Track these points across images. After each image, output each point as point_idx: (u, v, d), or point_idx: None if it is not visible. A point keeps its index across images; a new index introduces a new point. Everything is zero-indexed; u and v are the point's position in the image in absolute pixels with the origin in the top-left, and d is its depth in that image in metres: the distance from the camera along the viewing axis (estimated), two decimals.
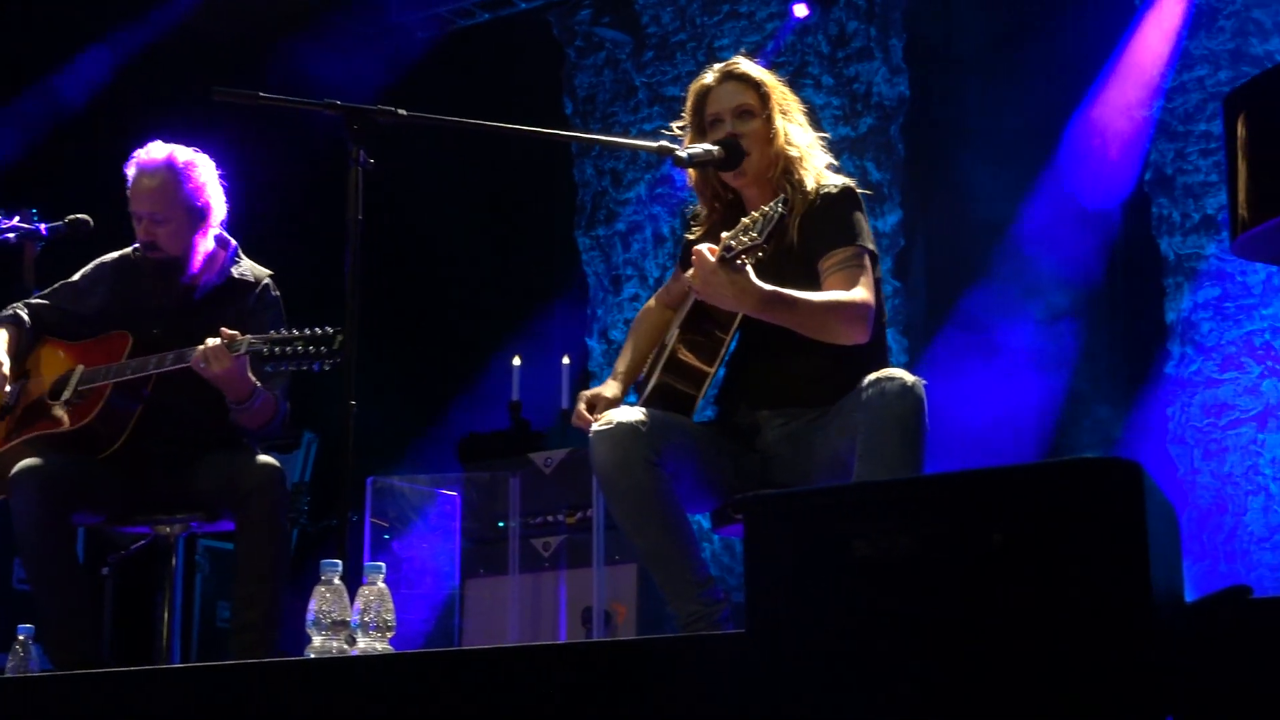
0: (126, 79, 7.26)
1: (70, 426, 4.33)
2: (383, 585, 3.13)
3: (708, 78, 3.82)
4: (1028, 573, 1.71)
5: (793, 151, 3.72)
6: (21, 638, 3.79)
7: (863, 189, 3.75)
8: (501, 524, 6.35)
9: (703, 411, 3.77)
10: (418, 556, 6.40)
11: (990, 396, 6.58)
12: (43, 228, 4.67)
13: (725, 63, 3.84)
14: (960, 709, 1.71)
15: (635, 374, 3.97)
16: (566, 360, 6.89)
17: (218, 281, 4.50)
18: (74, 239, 4.69)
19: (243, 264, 4.57)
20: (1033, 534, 1.72)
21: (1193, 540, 6.17)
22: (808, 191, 3.67)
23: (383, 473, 6.51)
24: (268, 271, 4.60)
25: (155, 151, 4.43)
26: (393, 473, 6.65)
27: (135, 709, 2.93)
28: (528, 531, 6.29)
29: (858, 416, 3.31)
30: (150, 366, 4.28)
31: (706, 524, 3.92)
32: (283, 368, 4.10)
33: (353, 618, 3.09)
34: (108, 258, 4.61)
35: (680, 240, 4.19)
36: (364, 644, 3.08)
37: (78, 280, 4.59)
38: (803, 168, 3.71)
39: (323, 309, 4.26)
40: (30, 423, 4.41)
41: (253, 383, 4.20)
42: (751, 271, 3.35)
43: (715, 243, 3.44)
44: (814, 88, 7.49)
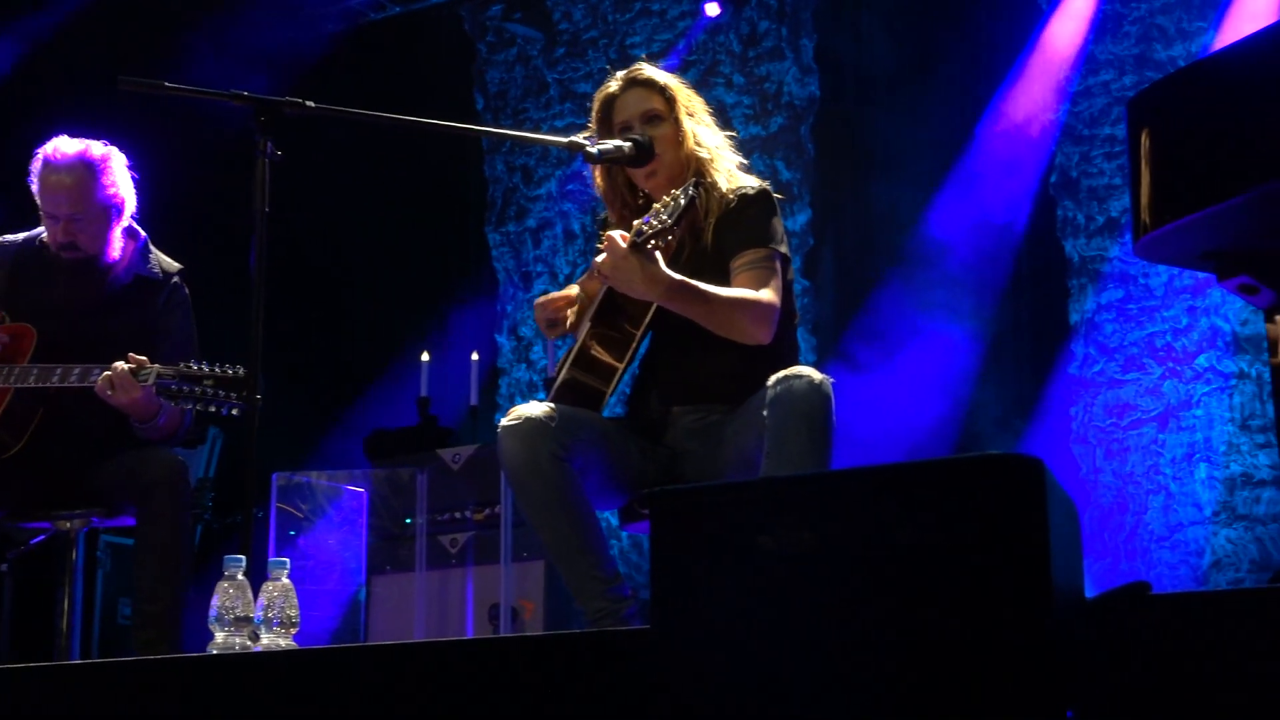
0: (27, 69, 7.15)
1: None
2: (287, 581, 3.11)
3: (612, 85, 3.82)
4: (931, 568, 1.72)
5: (703, 153, 3.74)
6: None
7: (775, 190, 3.77)
8: (409, 520, 6.31)
9: (613, 408, 3.77)
10: (324, 553, 6.35)
11: (897, 395, 6.63)
12: None
13: (629, 69, 3.84)
14: (864, 703, 1.72)
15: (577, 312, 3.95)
16: (476, 356, 6.87)
17: (125, 280, 4.42)
18: None
19: (153, 257, 4.50)
20: (937, 529, 1.73)
21: (1094, 538, 6.25)
22: (722, 193, 3.69)
23: (289, 468, 6.45)
24: (178, 266, 4.53)
25: (65, 148, 4.32)
26: (299, 468, 6.59)
27: (34, 706, 2.89)
28: (435, 528, 6.26)
29: (765, 414, 3.33)
30: (54, 379, 4.18)
31: (615, 521, 3.92)
32: (188, 407, 4.04)
33: (256, 614, 3.06)
34: (9, 239, 4.51)
35: (591, 237, 4.19)
36: (267, 640, 3.06)
37: None
38: (714, 169, 3.73)
39: (229, 302, 4.22)
40: None
41: (158, 404, 4.12)
42: (661, 259, 3.38)
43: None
44: (725, 86, 7.51)
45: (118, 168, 4.37)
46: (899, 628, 1.73)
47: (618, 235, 3.41)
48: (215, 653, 3.01)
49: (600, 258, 3.46)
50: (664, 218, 3.34)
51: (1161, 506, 6.21)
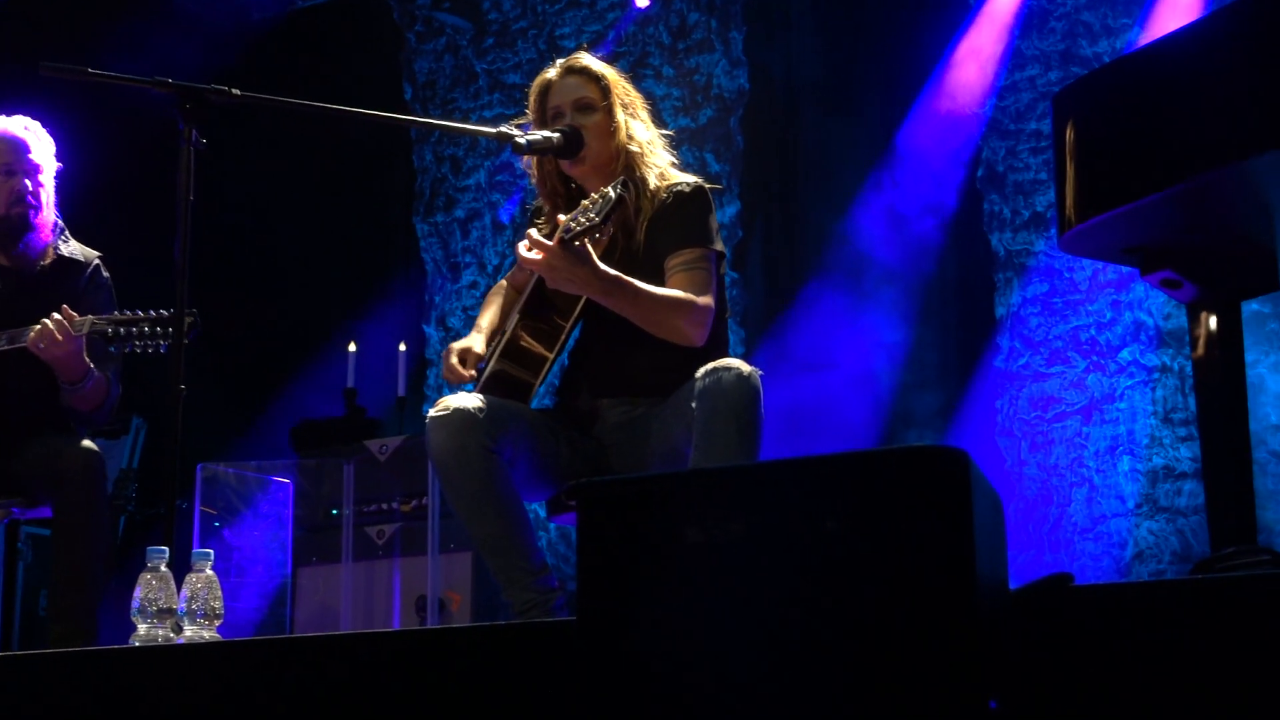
0: None
1: None
2: (210, 573, 3.08)
3: (550, 72, 3.83)
4: (857, 559, 1.73)
5: (634, 147, 3.74)
6: None
7: (710, 184, 3.77)
8: (335, 512, 6.28)
9: (542, 399, 3.77)
10: (249, 544, 6.30)
11: (825, 387, 6.65)
12: None
13: (568, 57, 3.85)
14: (789, 694, 1.73)
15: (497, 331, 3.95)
16: (403, 347, 6.84)
17: (47, 261, 4.41)
18: None
19: (70, 244, 4.47)
20: (863, 521, 1.74)
21: (1019, 530, 6.30)
22: (654, 189, 3.69)
23: (213, 459, 6.40)
24: (96, 253, 4.51)
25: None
26: (224, 459, 6.54)
27: None
28: (362, 519, 6.22)
29: (694, 406, 3.33)
30: None
31: (543, 513, 3.92)
32: (127, 349, 4.05)
33: (180, 606, 3.04)
34: None
35: (520, 228, 4.19)
36: (190, 632, 3.04)
37: None
38: (644, 164, 3.73)
39: (152, 291, 4.18)
40: None
41: (87, 364, 4.12)
42: (594, 254, 3.38)
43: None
44: (654, 78, 7.51)
45: (48, 140, 4.41)
46: (825, 619, 1.73)
47: (534, 232, 3.43)
48: (138, 645, 2.98)
49: (521, 245, 3.45)
50: (592, 215, 3.34)
51: (1085, 499, 6.26)
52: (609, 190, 3.35)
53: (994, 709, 1.67)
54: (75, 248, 4.47)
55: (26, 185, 4.33)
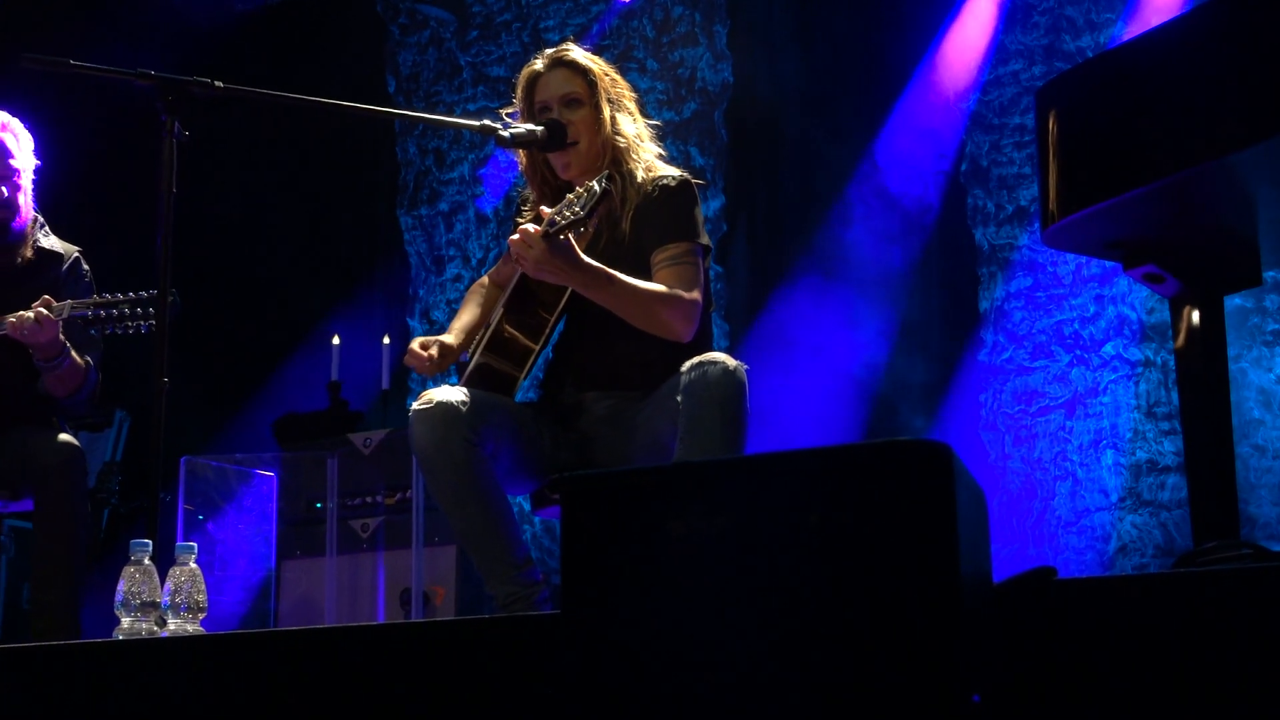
0: None
1: None
2: (194, 566, 3.08)
3: (538, 64, 3.82)
4: (840, 553, 1.73)
5: (620, 141, 3.74)
6: None
7: (696, 179, 3.77)
8: (319, 505, 6.27)
9: (526, 393, 3.77)
10: (233, 537, 6.30)
11: (810, 381, 6.66)
12: None
13: (557, 49, 3.83)
14: (772, 689, 1.73)
15: (472, 332, 3.94)
16: (387, 340, 6.84)
17: (28, 253, 4.40)
18: None
19: (50, 238, 4.47)
20: (847, 514, 1.74)
21: (1003, 524, 6.31)
22: (639, 183, 3.69)
23: (197, 452, 6.39)
24: (76, 248, 4.51)
25: None
26: (207, 452, 6.54)
27: None
28: (345, 512, 6.22)
29: (680, 399, 3.33)
30: None
31: (528, 506, 3.92)
32: (108, 330, 4.04)
33: (163, 599, 3.04)
34: None
35: (504, 221, 4.18)
36: (174, 625, 3.03)
37: None
38: (631, 158, 3.73)
39: (134, 284, 4.17)
40: None
41: (63, 343, 4.11)
42: (577, 247, 3.38)
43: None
44: (639, 72, 7.51)
45: (25, 136, 4.38)
46: (808, 612, 1.73)
47: (530, 227, 3.42)
48: (121, 638, 2.98)
49: (513, 238, 3.45)
50: (577, 209, 3.34)
51: (1069, 492, 6.28)
52: (593, 184, 3.35)
53: (977, 703, 1.68)
54: (55, 241, 4.47)
55: (2, 193, 4.31)
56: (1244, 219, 2.75)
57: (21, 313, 4.04)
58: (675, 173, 3.74)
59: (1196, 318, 2.86)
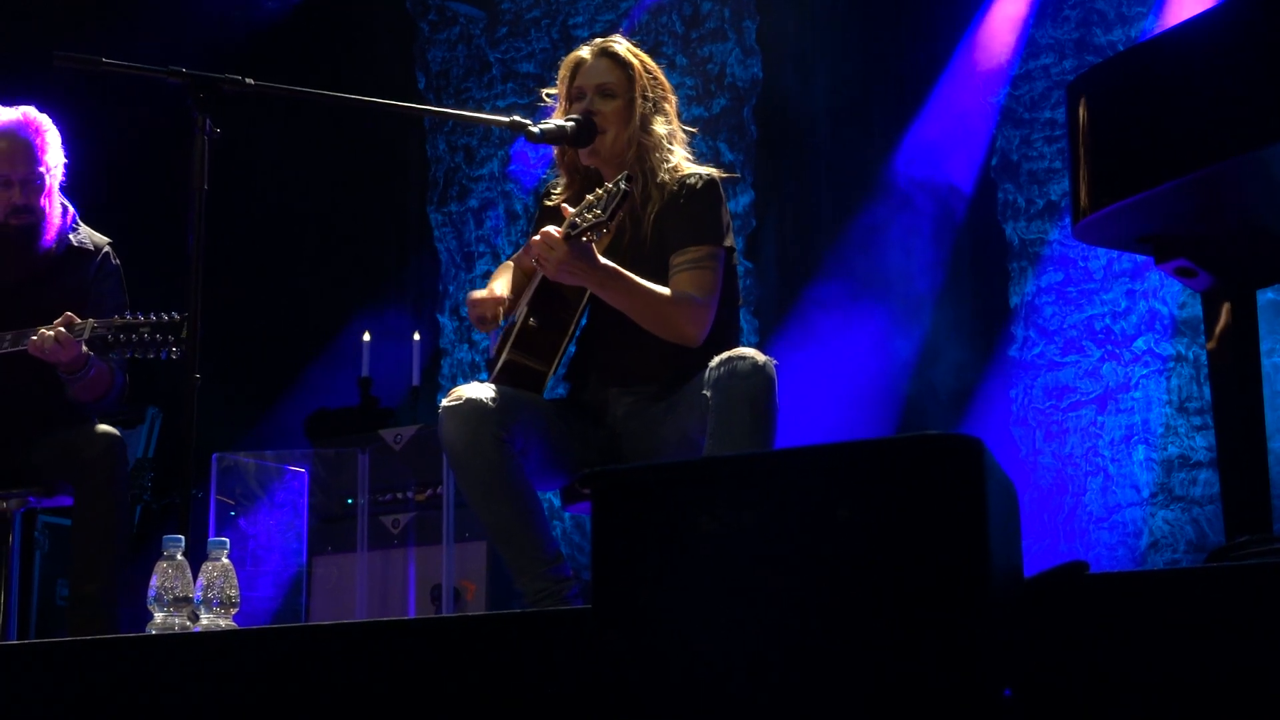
0: None
1: None
2: (226, 561, 3.09)
3: (584, 50, 3.84)
4: (871, 547, 1.73)
5: (646, 139, 3.73)
6: None
7: (725, 174, 3.77)
8: (350, 501, 6.29)
9: (553, 390, 3.77)
10: (264, 533, 6.32)
11: (839, 376, 6.65)
12: None
13: (606, 39, 3.85)
14: (802, 683, 1.73)
15: (513, 291, 3.94)
16: (417, 336, 6.85)
17: (58, 251, 4.40)
18: None
19: (81, 231, 4.47)
20: (877, 508, 1.74)
21: (1034, 519, 6.29)
22: (662, 182, 3.68)
23: (229, 449, 6.42)
24: (107, 239, 4.51)
25: (4, 113, 4.32)
26: (239, 449, 6.56)
27: None
28: (376, 509, 6.24)
29: (708, 395, 3.33)
30: None
31: (558, 502, 3.92)
32: (128, 354, 4.05)
33: (195, 594, 3.05)
34: None
35: (533, 217, 4.19)
36: (207, 620, 3.04)
37: None
38: (655, 156, 3.72)
39: (167, 281, 4.19)
40: None
41: (86, 356, 4.11)
42: (595, 249, 3.40)
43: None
44: (668, 68, 7.48)
45: (53, 135, 4.37)
46: (839, 607, 1.73)
47: (552, 228, 3.43)
48: (154, 633, 2.99)
49: (535, 239, 3.47)
50: (598, 211, 3.36)
51: (1100, 488, 6.26)
52: (615, 185, 3.36)
53: (1008, 697, 1.67)
54: (85, 235, 4.47)
55: (28, 194, 4.29)
56: (1276, 213, 2.74)
57: (44, 331, 4.04)
58: (704, 172, 3.73)
59: (1229, 312, 2.84)
